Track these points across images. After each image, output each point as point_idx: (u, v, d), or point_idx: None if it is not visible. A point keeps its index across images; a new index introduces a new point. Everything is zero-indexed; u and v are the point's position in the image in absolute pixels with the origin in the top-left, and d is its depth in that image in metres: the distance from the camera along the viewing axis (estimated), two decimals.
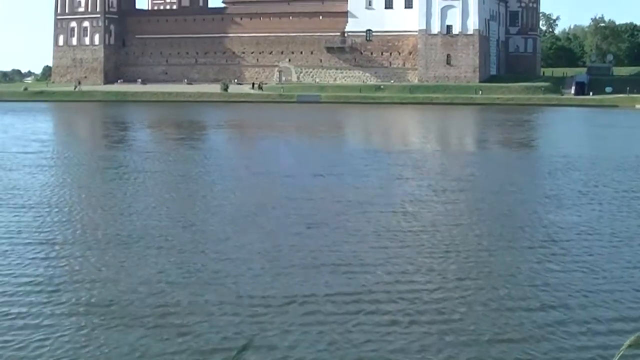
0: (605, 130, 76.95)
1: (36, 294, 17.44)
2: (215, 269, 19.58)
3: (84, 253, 21.34)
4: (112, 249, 21.77)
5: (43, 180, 35.35)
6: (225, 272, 19.23)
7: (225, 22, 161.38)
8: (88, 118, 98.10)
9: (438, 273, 19.40)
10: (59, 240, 22.96)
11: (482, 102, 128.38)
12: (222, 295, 17.36)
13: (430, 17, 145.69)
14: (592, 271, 19.74)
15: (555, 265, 20.24)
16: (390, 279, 18.70)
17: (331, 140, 61.63)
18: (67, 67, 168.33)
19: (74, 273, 19.24)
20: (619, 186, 35.05)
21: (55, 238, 23.19)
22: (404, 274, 19.20)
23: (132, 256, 20.92)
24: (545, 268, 19.97)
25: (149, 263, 20.13)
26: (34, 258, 20.69)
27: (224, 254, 21.17)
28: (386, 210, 27.78)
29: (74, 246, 22.17)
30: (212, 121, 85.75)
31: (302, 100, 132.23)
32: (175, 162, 43.09)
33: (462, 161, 45.49)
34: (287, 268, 19.61)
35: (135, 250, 21.52)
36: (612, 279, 19.14)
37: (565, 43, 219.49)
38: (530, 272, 19.60)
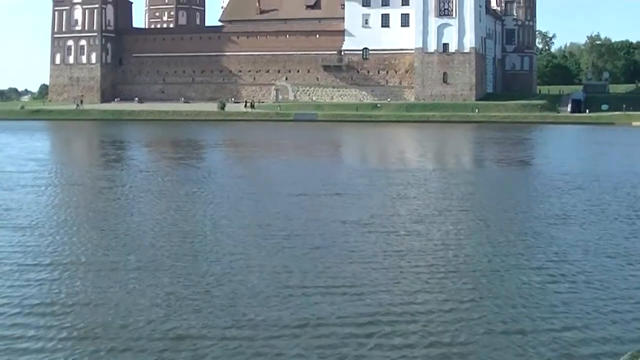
0: (604, 147, 76.82)
1: (37, 317, 17.08)
2: (223, 291, 19.16)
3: (83, 276, 20.84)
4: (113, 271, 21.29)
5: (39, 200, 35.00)
6: (234, 295, 18.82)
7: (222, 41, 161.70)
8: (85, 137, 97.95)
9: (449, 294, 19.09)
10: (56, 262, 22.47)
11: (479, 120, 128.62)
12: (233, 319, 16.97)
13: (427, 36, 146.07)
14: (604, 291, 19.43)
15: (565, 286, 19.95)
16: (401, 301, 18.40)
17: (330, 159, 61.56)
18: (64, 86, 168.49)
19: (74, 296, 18.81)
20: (624, 203, 34.86)
21: (53, 260, 22.70)
22: (414, 296, 18.91)
23: (135, 279, 20.45)
24: (555, 289, 19.63)
25: (152, 286, 19.67)
26: (31, 280, 20.21)
27: (232, 276, 20.78)
28: (391, 230, 27.50)
29: (72, 269, 21.67)
30: (209, 140, 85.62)
31: (299, 118, 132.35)
32: (174, 182, 42.84)
33: (463, 180, 45.18)
34: (298, 290, 19.25)
35: (137, 273, 21.07)
36: (629, 298, 18.85)
37: (561, 61, 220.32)
38: (540, 292, 19.21)
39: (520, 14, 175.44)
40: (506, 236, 26.82)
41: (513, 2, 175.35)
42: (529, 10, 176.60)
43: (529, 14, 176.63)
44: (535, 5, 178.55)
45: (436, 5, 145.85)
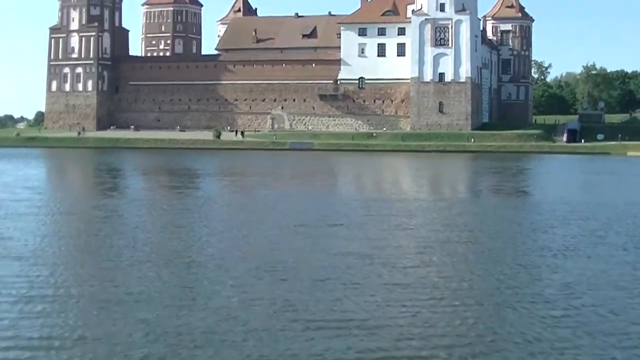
0: (601, 177, 76.90)
1: (30, 351, 16.87)
2: (226, 327, 18.68)
3: (78, 309, 20.39)
4: (108, 304, 20.81)
5: (33, 230, 34.60)
6: (238, 331, 18.35)
7: (219, 69, 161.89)
8: (80, 164, 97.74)
9: (454, 329, 18.77)
10: (51, 294, 22.02)
11: (475, 150, 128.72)
12: (239, 357, 16.64)
13: (423, 65, 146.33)
14: (616, 327, 19.08)
15: (576, 320, 19.59)
16: (407, 336, 18.16)
17: (328, 189, 61.26)
18: (60, 113, 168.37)
19: (68, 330, 18.35)
20: (627, 234, 34.67)
21: (46, 292, 22.23)
22: (420, 330, 18.68)
23: (132, 313, 19.94)
24: (565, 324, 19.26)
25: (151, 321, 19.13)
26: (25, 313, 19.84)
27: (234, 310, 20.28)
28: (394, 262, 27.13)
29: (67, 301, 21.19)
30: (205, 169, 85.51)
31: (294, 147, 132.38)
32: (171, 212, 42.52)
33: (463, 210, 44.92)
34: (303, 324, 18.87)
35: (134, 307, 20.63)
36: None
37: (557, 90, 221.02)
38: (550, 330, 18.79)
39: (516, 44, 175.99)
40: (510, 268, 26.50)
41: (509, 32, 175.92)
42: (525, 40, 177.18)
43: (525, 44, 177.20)
44: (531, 35, 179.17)
45: (432, 35, 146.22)
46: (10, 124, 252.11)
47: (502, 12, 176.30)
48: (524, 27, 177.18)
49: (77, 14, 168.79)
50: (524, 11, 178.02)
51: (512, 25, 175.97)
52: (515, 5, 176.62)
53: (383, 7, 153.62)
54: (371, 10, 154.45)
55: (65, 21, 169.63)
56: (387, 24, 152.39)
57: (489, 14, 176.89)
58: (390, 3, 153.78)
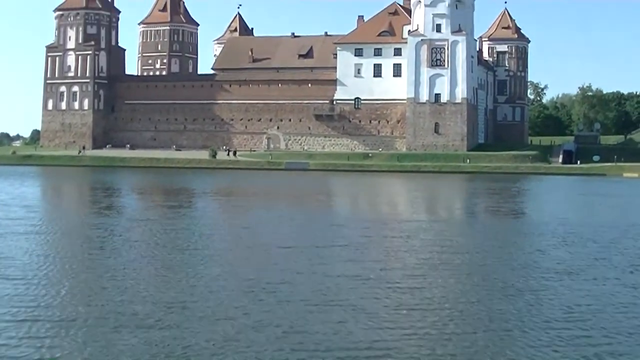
0: (598, 198, 76.84)
1: None
2: (225, 352, 18.37)
3: (72, 332, 19.93)
4: (103, 327, 20.53)
5: (27, 249, 34.25)
6: (238, 358, 18.04)
7: (215, 89, 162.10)
8: (76, 183, 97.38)
9: (460, 357, 18.62)
10: (42, 316, 21.74)
11: (470, 171, 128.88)
12: None
13: (419, 86, 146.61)
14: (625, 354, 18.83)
15: (583, 349, 19.28)
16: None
17: (324, 210, 60.93)
18: (56, 132, 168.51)
19: (62, 354, 18.38)
20: (632, 254, 34.53)
21: (38, 315, 21.97)
22: (426, 356, 18.53)
23: (126, 338, 19.57)
24: (571, 351, 18.97)
25: (145, 348, 18.97)
26: (15, 338, 19.36)
27: (235, 336, 19.82)
28: (395, 285, 26.73)
29: (60, 324, 20.72)
30: (201, 188, 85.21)
31: (290, 167, 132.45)
32: (166, 232, 42.14)
33: (462, 232, 44.70)
34: (307, 350, 18.54)
35: (128, 332, 20.15)
36: None
37: (553, 112, 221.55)
38: (554, 354, 18.70)
39: (512, 65, 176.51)
40: (514, 291, 26.19)
41: (505, 53, 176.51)
42: (521, 61, 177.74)
43: (521, 65, 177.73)
44: (527, 56, 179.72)
45: (428, 56, 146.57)
46: (6, 142, 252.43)
47: (498, 33, 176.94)
48: (520, 48, 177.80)
49: (73, 32, 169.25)
50: (520, 32, 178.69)
51: (508, 46, 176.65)
52: (512, 26, 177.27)
53: (379, 28, 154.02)
54: (367, 30, 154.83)
55: (62, 40, 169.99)
56: (383, 44, 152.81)
57: (485, 35, 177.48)
58: (387, 24, 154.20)
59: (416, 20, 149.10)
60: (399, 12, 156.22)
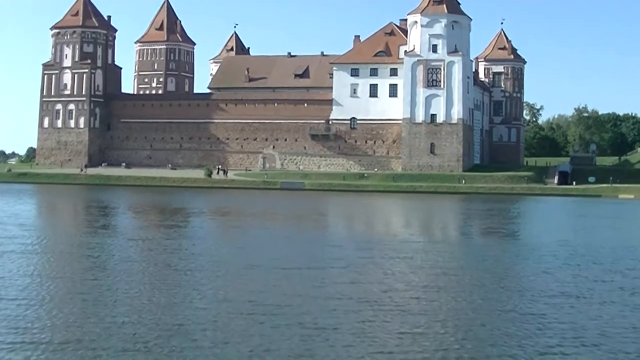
0: (595, 220, 76.70)
1: None
2: None
3: (64, 356, 19.92)
4: (96, 352, 20.22)
5: (22, 270, 33.93)
6: None
7: (211, 108, 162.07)
8: (71, 202, 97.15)
9: None
10: (37, 340, 21.47)
11: (466, 191, 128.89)
12: None
13: (415, 106, 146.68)
14: None
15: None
16: None
17: (321, 231, 60.76)
18: (52, 149, 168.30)
19: None
20: (637, 276, 34.42)
21: (33, 338, 21.65)
22: None
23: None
24: None
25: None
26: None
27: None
28: (396, 309, 26.43)
29: (56, 348, 20.70)
30: (197, 208, 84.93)
31: (285, 187, 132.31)
32: (163, 252, 41.90)
33: (461, 253, 44.44)
34: None
35: (124, 356, 19.89)
36: None
37: (548, 133, 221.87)
38: None
39: (508, 86, 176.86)
40: (520, 314, 25.89)
41: (501, 73, 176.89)
42: (517, 82, 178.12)
43: (517, 86, 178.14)
44: (523, 77, 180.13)
45: (424, 76, 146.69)
46: (1, 160, 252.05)
47: (494, 54, 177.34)
48: (516, 69, 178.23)
49: (70, 50, 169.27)
50: (516, 53, 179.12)
51: (504, 67, 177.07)
52: (508, 47, 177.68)
53: (375, 48, 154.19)
54: (363, 50, 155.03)
55: (58, 58, 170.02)
56: (380, 64, 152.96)
57: (481, 56, 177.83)
58: (383, 44, 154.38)
59: (412, 40, 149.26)
60: (395, 32, 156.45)
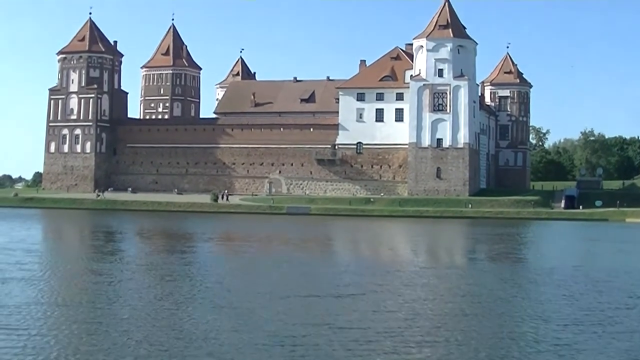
0: (605, 244, 76.52)
1: None
2: None
3: None
4: None
5: (28, 297, 33.72)
6: None
7: (217, 133, 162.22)
8: (77, 226, 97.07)
9: None
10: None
11: (472, 216, 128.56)
12: None
13: (421, 131, 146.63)
14: None
15: None
16: None
17: (329, 257, 60.37)
18: (58, 174, 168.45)
19: None
20: None
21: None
22: None
23: None
24: None
25: None
26: None
27: None
28: (416, 339, 26.02)
29: None
30: (203, 233, 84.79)
31: (292, 212, 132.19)
32: (172, 280, 41.45)
33: (473, 280, 43.83)
34: None
35: None
36: None
37: (555, 157, 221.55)
38: None
39: (514, 110, 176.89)
40: (550, 347, 25.20)
41: (507, 97, 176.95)
42: (523, 106, 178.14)
43: (523, 110, 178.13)
44: (529, 101, 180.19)
45: (430, 101, 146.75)
46: (8, 184, 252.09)
47: (500, 78, 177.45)
48: (522, 93, 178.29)
49: (76, 75, 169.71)
50: (522, 77, 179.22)
51: (510, 91, 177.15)
52: (514, 71, 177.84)
53: (381, 73, 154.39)
54: (369, 75, 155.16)
55: (64, 83, 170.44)
56: (385, 89, 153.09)
57: (487, 80, 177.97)
58: (389, 68, 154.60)
59: (418, 65, 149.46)
60: (401, 56, 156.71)
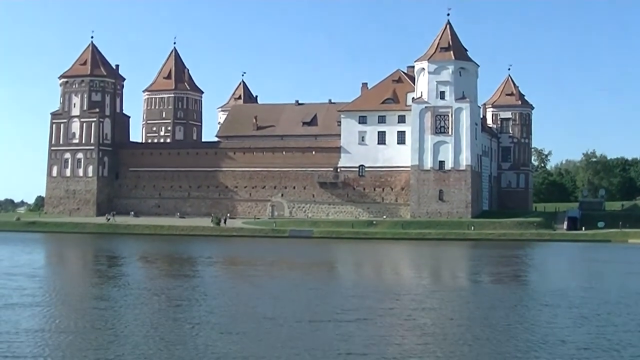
0: (613, 266, 76.42)
1: None
2: None
3: None
4: None
5: (32, 324, 33.70)
6: None
7: (219, 156, 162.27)
8: (80, 251, 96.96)
9: None
10: None
11: (475, 238, 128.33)
12: None
13: (423, 153, 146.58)
14: None
15: None
16: None
17: (334, 280, 60.17)
18: (60, 198, 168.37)
19: None
20: None
21: None
22: None
23: None
24: None
25: None
26: None
27: None
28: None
29: None
30: (206, 257, 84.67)
31: (294, 235, 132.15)
32: (177, 306, 41.11)
33: (480, 304, 43.61)
34: None
35: None
36: None
37: (557, 178, 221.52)
38: None
39: (516, 132, 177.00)
40: None
41: (509, 119, 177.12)
42: (525, 127, 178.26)
43: (525, 132, 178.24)
44: (530, 123, 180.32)
45: (432, 123, 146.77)
46: (10, 208, 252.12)
47: (502, 100, 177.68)
48: (524, 115, 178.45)
49: (78, 99, 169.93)
50: (523, 99, 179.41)
51: (512, 113, 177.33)
52: (515, 93, 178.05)
53: (383, 95, 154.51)
54: (371, 98, 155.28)
55: (66, 107, 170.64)
56: (387, 111, 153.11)
57: (489, 102, 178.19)
58: (390, 91, 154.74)
59: (420, 87, 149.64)
60: (403, 79, 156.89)
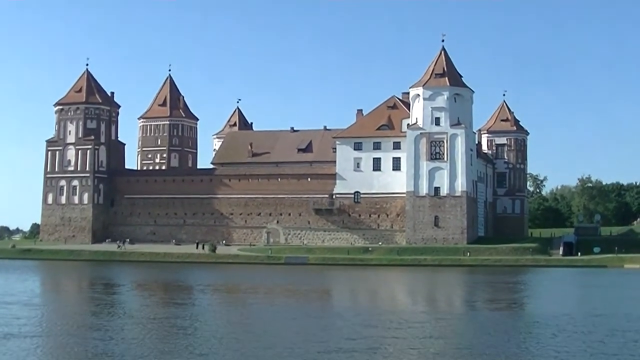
0: (612, 291, 76.46)
1: None
2: None
3: None
4: None
5: (24, 355, 33.53)
6: None
7: (214, 183, 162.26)
8: (75, 279, 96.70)
9: None
10: None
11: (470, 264, 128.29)
12: None
13: (418, 179, 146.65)
14: None
15: None
16: None
17: (332, 308, 59.96)
18: (56, 226, 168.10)
19: None
20: None
21: None
22: None
23: None
24: None
25: None
26: None
27: None
28: None
29: None
30: (202, 284, 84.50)
31: (290, 262, 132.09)
32: (175, 335, 40.79)
33: (494, 331, 43.30)
34: None
35: None
36: None
37: (552, 203, 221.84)
38: None
39: (511, 158, 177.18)
40: None
41: (504, 145, 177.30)
42: (520, 153, 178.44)
43: (520, 157, 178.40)
44: (526, 149, 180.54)
45: (427, 150, 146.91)
46: (5, 236, 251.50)
47: (497, 126, 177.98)
48: (519, 141, 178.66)
49: (73, 127, 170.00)
50: (518, 124, 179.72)
51: (507, 139, 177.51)
52: (510, 118, 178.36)
53: (378, 122, 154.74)
54: (366, 124, 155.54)
55: (62, 134, 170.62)
56: (383, 138, 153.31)
57: (484, 128, 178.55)
58: (386, 117, 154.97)
59: (415, 113, 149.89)
60: (398, 105, 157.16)
